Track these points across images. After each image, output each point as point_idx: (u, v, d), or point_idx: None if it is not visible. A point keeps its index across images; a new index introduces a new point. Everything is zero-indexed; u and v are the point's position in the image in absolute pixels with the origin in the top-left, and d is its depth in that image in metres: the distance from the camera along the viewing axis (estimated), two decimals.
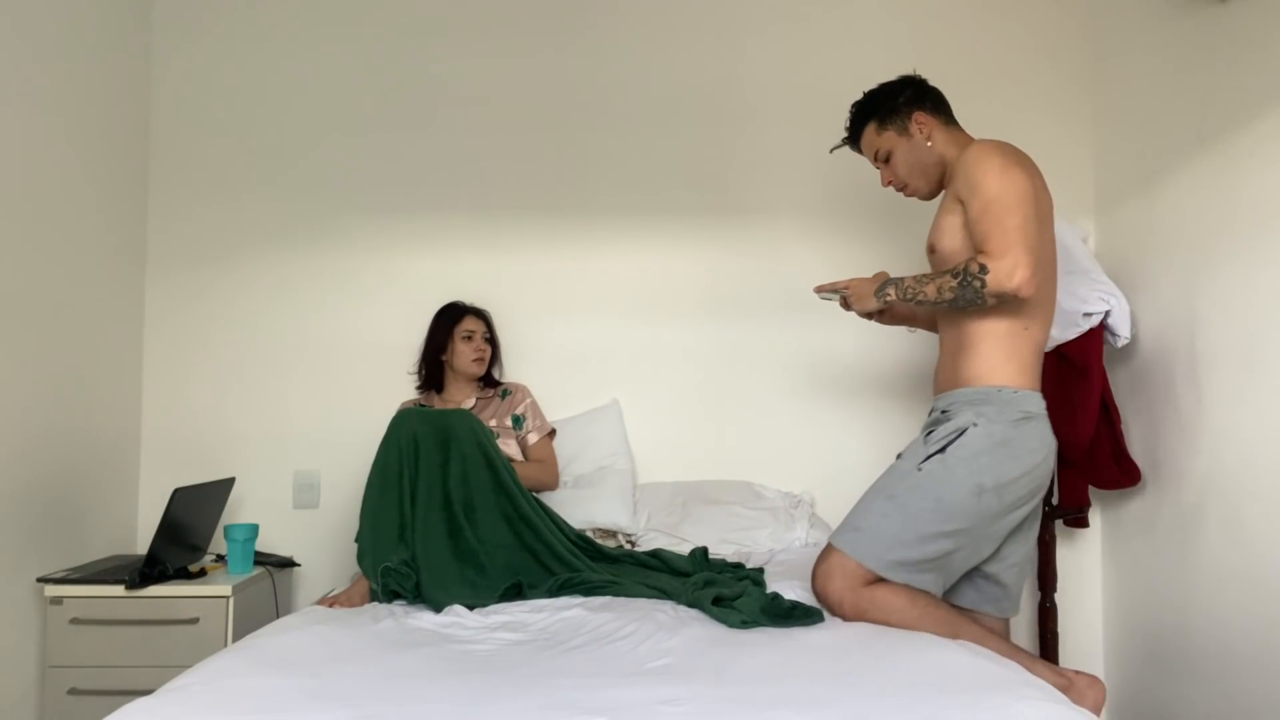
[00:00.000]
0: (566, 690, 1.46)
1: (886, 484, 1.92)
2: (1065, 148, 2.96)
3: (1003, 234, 1.82)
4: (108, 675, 2.35)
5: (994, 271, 1.81)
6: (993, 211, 1.85)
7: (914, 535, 1.85)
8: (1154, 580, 2.57)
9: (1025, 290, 1.81)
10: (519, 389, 2.83)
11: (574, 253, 3.00)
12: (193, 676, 1.52)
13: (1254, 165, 2.13)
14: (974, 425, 1.87)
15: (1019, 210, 1.84)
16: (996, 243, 1.82)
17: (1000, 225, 1.83)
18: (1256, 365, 2.12)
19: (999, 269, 1.81)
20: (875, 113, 2.12)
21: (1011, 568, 2.02)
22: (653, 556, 2.37)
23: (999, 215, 1.84)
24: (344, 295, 2.99)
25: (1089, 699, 1.78)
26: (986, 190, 1.86)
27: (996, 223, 1.83)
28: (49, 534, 2.49)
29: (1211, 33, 2.29)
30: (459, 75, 3.02)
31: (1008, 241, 1.81)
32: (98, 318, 2.73)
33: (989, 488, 1.85)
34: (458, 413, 2.38)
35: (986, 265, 1.81)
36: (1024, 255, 1.80)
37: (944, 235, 1.98)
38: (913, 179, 2.11)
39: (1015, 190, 1.85)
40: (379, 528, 2.23)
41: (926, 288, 1.91)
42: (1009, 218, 1.83)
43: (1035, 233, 1.85)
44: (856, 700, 1.41)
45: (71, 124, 2.59)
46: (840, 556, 1.87)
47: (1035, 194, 1.89)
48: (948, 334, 2.05)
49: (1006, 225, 1.82)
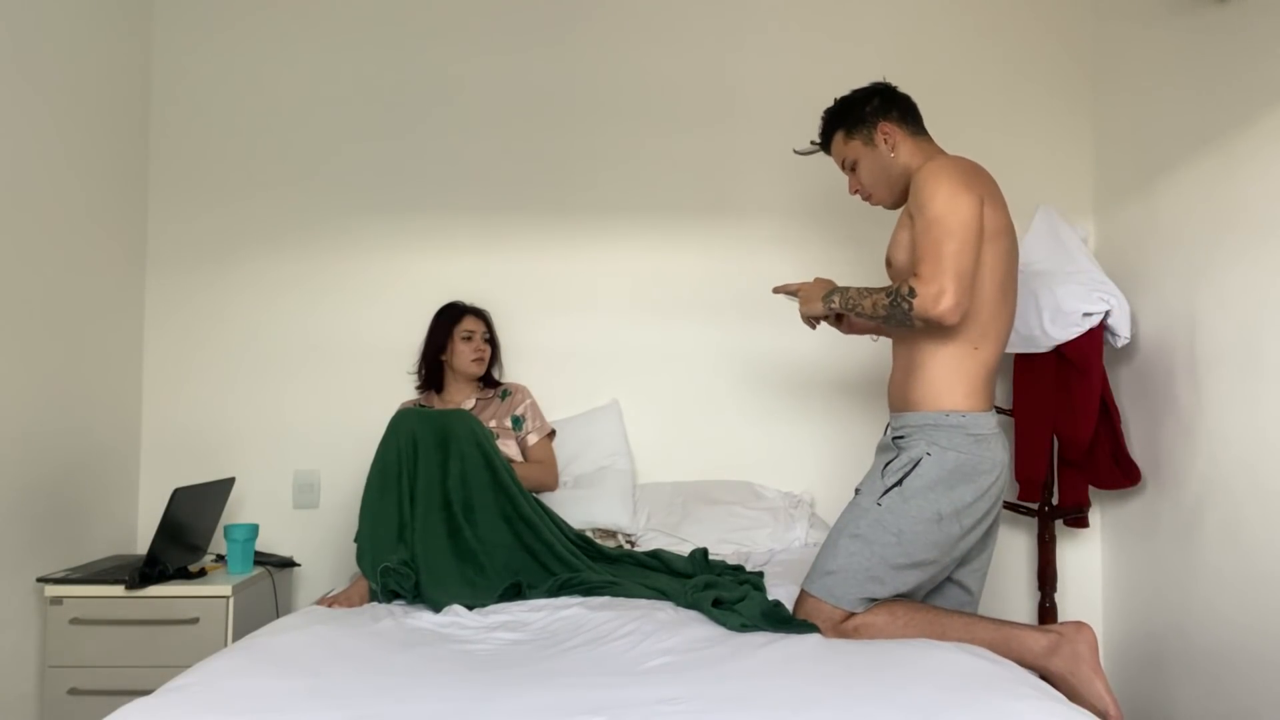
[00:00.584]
0: (566, 690, 1.46)
1: (849, 523, 1.93)
2: (1065, 147, 2.96)
3: (935, 259, 1.83)
4: (108, 675, 2.35)
5: (921, 296, 1.82)
6: (931, 234, 1.85)
7: (884, 569, 1.88)
8: (1154, 580, 2.57)
9: (949, 318, 1.82)
10: (519, 389, 2.83)
11: (574, 252, 3.00)
12: (192, 676, 1.52)
13: (1254, 165, 2.13)
14: (927, 455, 1.90)
15: (957, 236, 1.84)
16: (928, 267, 1.83)
17: (935, 249, 1.84)
18: (1256, 365, 2.12)
19: (925, 295, 1.82)
20: (843, 121, 2.11)
21: (975, 572, 2.06)
22: (652, 557, 2.37)
23: (937, 238, 1.84)
24: (344, 295, 3.00)
25: (1080, 644, 1.79)
26: (929, 211, 1.87)
27: (933, 246, 1.84)
28: (49, 534, 2.49)
29: (1211, 33, 2.29)
30: (458, 76, 3.02)
31: (939, 267, 1.82)
32: (98, 318, 2.73)
33: (947, 514, 1.88)
34: (457, 413, 2.38)
35: (915, 289, 1.83)
36: (951, 282, 1.81)
37: (899, 249, 1.99)
38: (876, 189, 2.11)
39: (958, 216, 1.85)
40: (378, 528, 2.24)
41: (865, 301, 1.93)
42: (946, 243, 1.83)
43: (971, 260, 1.85)
44: (855, 700, 1.42)
45: (71, 124, 2.59)
46: (815, 602, 1.89)
47: (979, 217, 1.88)
48: (899, 350, 2.06)
49: (941, 251, 1.83)
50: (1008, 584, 2.91)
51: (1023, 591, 2.92)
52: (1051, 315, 2.52)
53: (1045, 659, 1.79)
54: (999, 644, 1.79)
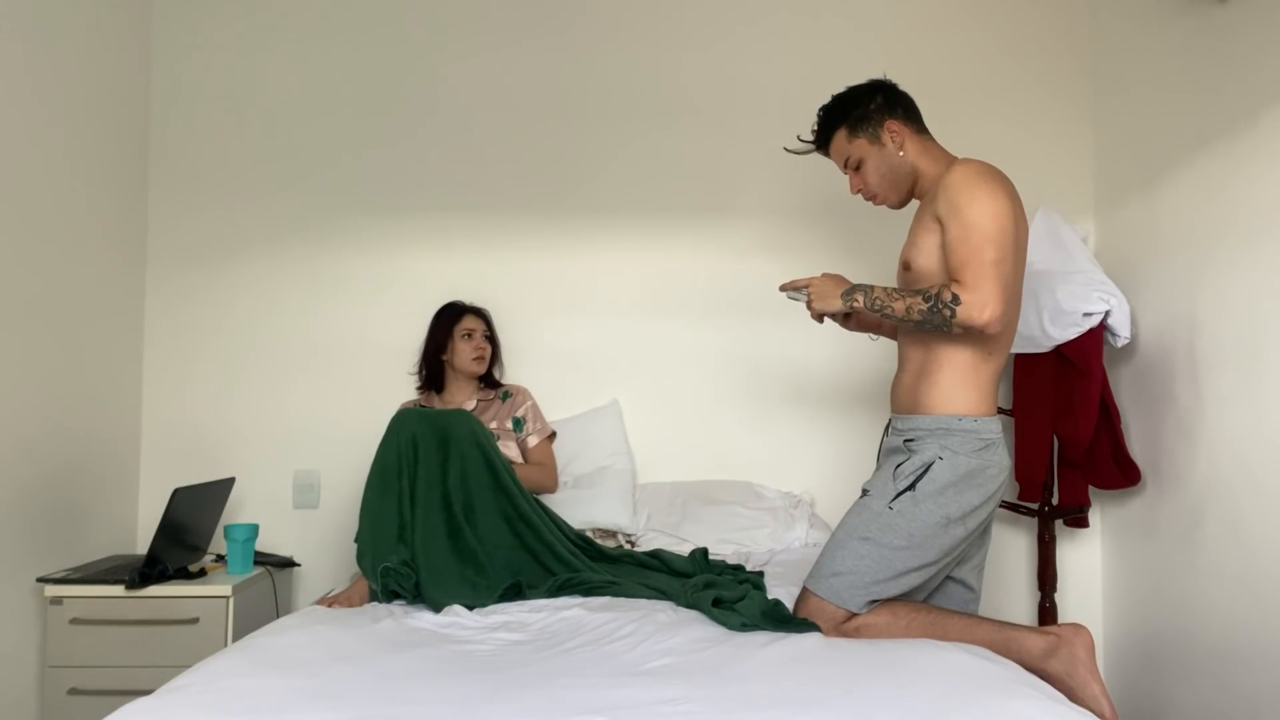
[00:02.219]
0: (566, 690, 1.46)
1: (859, 525, 1.93)
2: (1065, 148, 2.96)
3: (979, 266, 1.81)
4: (108, 675, 2.35)
5: (966, 305, 1.81)
6: (971, 241, 1.83)
7: (890, 573, 1.88)
8: (1154, 580, 2.57)
9: (993, 328, 1.82)
10: (520, 391, 2.83)
11: (574, 253, 3.00)
12: (192, 676, 1.52)
13: (1254, 165, 2.13)
14: (939, 459, 1.89)
15: (998, 244, 1.83)
16: (972, 275, 1.82)
17: (977, 257, 1.82)
18: (1256, 365, 2.12)
19: (971, 303, 1.80)
20: (845, 119, 2.06)
21: (975, 569, 2.07)
22: (652, 557, 2.37)
23: (977, 245, 1.82)
24: (344, 295, 2.99)
25: (1078, 646, 1.80)
26: (968, 216, 1.85)
27: (975, 253, 1.82)
28: (49, 534, 2.49)
29: (1211, 33, 2.29)
30: (458, 76, 3.02)
31: (982, 276, 1.81)
32: (98, 318, 2.73)
33: (955, 518, 1.89)
34: (457, 413, 2.38)
35: (960, 297, 1.81)
36: (996, 292, 1.80)
37: (920, 254, 1.96)
38: (884, 188, 2.07)
39: (996, 222, 1.84)
40: (378, 528, 2.23)
41: (896, 303, 1.89)
42: (987, 250, 1.82)
43: (1010, 269, 1.85)
44: (855, 700, 1.42)
45: (71, 125, 2.59)
46: (819, 602, 1.89)
47: (1016, 226, 1.88)
48: (912, 353, 2.03)
49: (984, 259, 1.82)
50: (1008, 584, 2.91)
51: (1023, 591, 2.92)
52: (1051, 315, 2.52)
53: (1043, 660, 1.79)
54: (999, 645, 1.80)
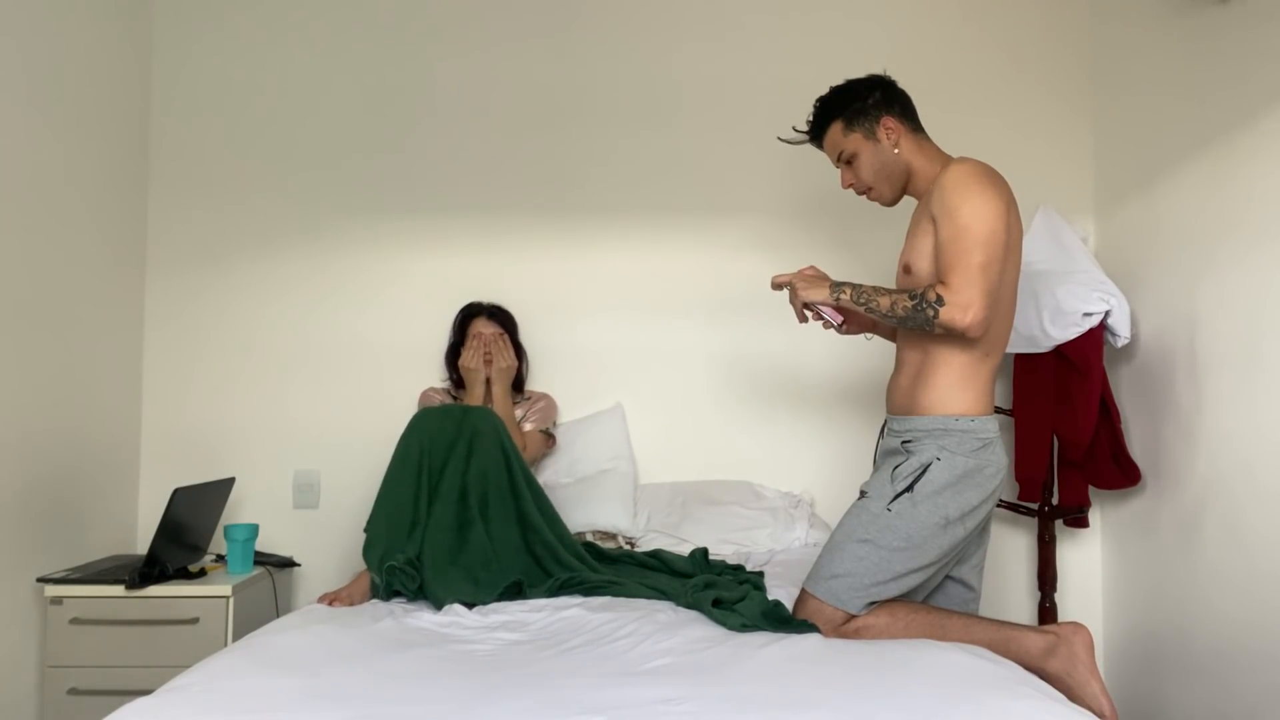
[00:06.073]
0: (566, 690, 1.46)
1: (857, 527, 1.92)
2: (1065, 148, 2.96)
3: (965, 270, 1.82)
4: (108, 675, 2.35)
5: (949, 307, 1.81)
6: (961, 243, 1.83)
7: (888, 575, 1.88)
8: (1154, 580, 2.57)
9: (974, 332, 1.82)
10: (541, 396, 2.84)
11: (574, 253, 3.00)
12: (192, 676, 1.52)
13: (1254, 165, 2.13)
14: (937, 460, 1.90)
15: (986, 247, 1.83)
16: (958, 278, 1.82)
17: (965, 259, 1.82)
18: (1256, 365, 2.12)
19: (954, 305, 1.81)
20: (842, 112, 2.05)
21: (975, 568, 2.07)
22: (652, 557, 2.37)
23: (966, 248, 1.83)
24: (344, 295, 2.99)
25: (1077, 645, 1.81)
26: (959, 218, 1.85)
27: (962, 255, 1.83)
28: (49, 534, 2.49)
29: (1211, 33, 2.29)
30: (459, 76, 3.02)
31: (968, 279, 1.81)
32: (98, 318, 2.73)
33: (954, 519, 1.89)
34: (481, 410, 2.39)
35: (944, 298, 1.82)
36: (980, 297, 1.80)
37: (920, 257, 1.96)
38: (878, 184, 2.07)
39: (987, 225, 1.84)
40: (392, 518, 2.23)
41: (881, 299, 1.90)
42: (975, 253, 1.82)
43: (998, 272, 1.85)
44: (855, 701, 1.42)
45: (71, 124, 2.59)
46: (818, 604, 1.89)
47: (1008, 229, 1.88)
48: (910, 353, 2.03)
49: (971, 261, 1.82)
50: (1008, 584, 2.91)
51: (1023, 591, 2.92)
52: (1051, 315, 2.52)
53: (1043, 660, 1.80)
54: (998, 644, 1.80)
